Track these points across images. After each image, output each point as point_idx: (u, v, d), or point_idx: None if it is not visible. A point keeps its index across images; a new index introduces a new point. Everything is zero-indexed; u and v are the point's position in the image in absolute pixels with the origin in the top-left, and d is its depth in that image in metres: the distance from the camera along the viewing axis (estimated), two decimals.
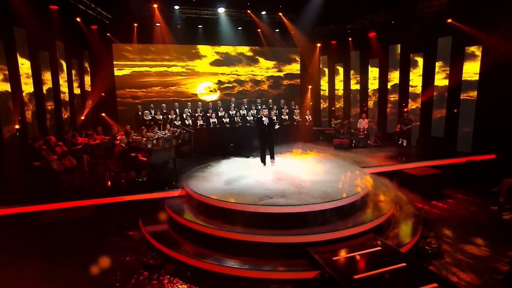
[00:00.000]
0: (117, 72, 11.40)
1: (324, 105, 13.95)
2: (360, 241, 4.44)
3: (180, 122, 9.24)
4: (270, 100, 11.61)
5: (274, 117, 6.73)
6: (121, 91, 11.28)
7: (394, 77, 11.39)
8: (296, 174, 5.74)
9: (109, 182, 6.05)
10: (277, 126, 6.46)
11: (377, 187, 5.69)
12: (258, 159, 6.52)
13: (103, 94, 10.75)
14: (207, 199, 4.92)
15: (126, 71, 11.42)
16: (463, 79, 9.34)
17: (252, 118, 10.19)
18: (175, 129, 8.68)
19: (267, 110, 6.44)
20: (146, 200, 5.44)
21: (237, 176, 5.66)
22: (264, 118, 6.25)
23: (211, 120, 9.70)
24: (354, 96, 12.77)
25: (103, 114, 10.70)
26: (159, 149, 6.89)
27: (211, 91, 12.37)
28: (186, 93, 12.06)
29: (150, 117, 9.52)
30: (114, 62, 11.29)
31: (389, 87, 11.69)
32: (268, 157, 6.41)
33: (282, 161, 6.68)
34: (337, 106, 13.44)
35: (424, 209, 5.93)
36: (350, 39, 12.03)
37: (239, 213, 4.56)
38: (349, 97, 13.02)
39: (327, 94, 13.86)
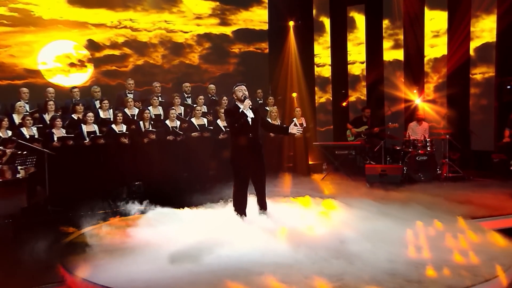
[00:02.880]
0: None
1: (323, 96, 14.72)
2: None
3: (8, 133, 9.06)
4: (212, 86, 11.89)
5: (275, 112, 8.09)
6: None
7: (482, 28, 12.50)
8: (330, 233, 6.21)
9: None
10: (296, 131, 6.64)
11: None
12: (224, 208, 6.94)
13: None
14: None
15: None
16: None
17: (185, 124, 10.55)
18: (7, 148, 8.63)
19: (247, 99, 6.50)
20: None
21: (197, 243, 5.85)
22: (246, 110, 6.30)
23: (85, 130, 9.57)
24: (391, 72, 13.79)
25: None
26: None
27: (73, 64, 12.16)
28: (11, 69, 11.71)
29: None
30: None
31: (471, 52, 12.59)
32: (251, 203, 6.60)
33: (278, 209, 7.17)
34: (353, 96, 14.34)
35: None
36: None
37: None
38: (380, 76, 13.81)
39: (329, 74, 14.72)
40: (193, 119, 10.31)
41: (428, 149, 10.81)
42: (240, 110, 6.29)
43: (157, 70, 13.01)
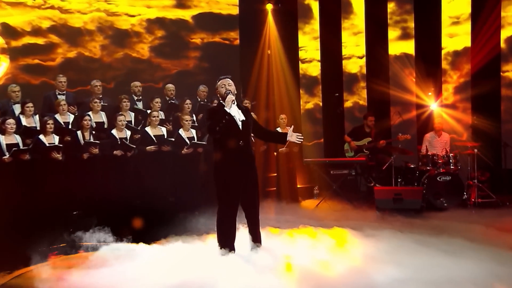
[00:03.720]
0: None
1: (310, 101, 14.78)
2: None
3: None
4: (170, 86, 11.94)
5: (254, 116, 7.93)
6: None
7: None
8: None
9: None
10: (295, 139, 6.94)
11: None
12: (204, 243, 7.38)
13: None
14: None
15: None
16: None
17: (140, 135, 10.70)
18: None
19: (231, 96, 6.67)
20: None
21: None
22: (228, 108, 6.51)
23: (4, 142, 9.60)
24: (399, 70, 13.94)
25: None
26: None
27: None
28: None
29: None
30: None
31: (502, 43, 12.79)
32: (241, 234, 6.95)
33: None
34: (349, 101, 14.42)
35: None
36: None
37: None
38: (384, 75, 13.92)
39: (318, 72, 14.66)
40: (147, 129, 10.30)
41: (452, 166, 10.86)
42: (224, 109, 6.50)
43: (94, 65, 12.94)
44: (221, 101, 6.60)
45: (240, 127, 6.45)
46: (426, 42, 13.39)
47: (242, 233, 6.92)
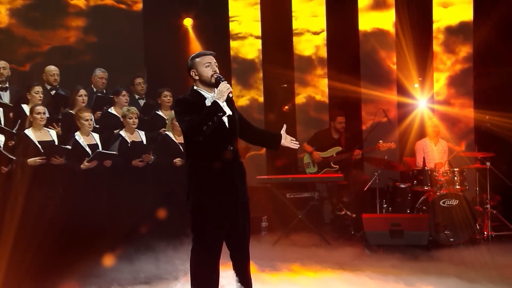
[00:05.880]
0: None
1: (245, 94, 14.12)
2: None
3: None
4: (52, 69, 10.77)
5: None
6: None
7: None
8: None
9: None
10: (290, 143, 6.29)
11: None
12: None
13: None
14: None
15: None
16: None
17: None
18: None
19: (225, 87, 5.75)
20: None
21: None
22: (221, 101, 5.63)
23: None
24: (372, 52, 12.86)
25: None
26: None
27: None
28: None
29: None
30: None
31: None
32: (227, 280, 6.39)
33: None
34: (302, 95, 13.61)
35: None
36: None
37: None
38: (353, 58, 13.01)
39: (256, 53, 13.70)
40: (28, 131, 9.02)
41: (457, 186, 9.82)
42: (212, 101, 5.60)
43: None
44: (196, 89, 5.78)
45: (228, 125, 5.69)
46: (411, 13, 11.85)
47: (226, 280, 6.05)
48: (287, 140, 6.03)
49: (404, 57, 11.89)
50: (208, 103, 5.60)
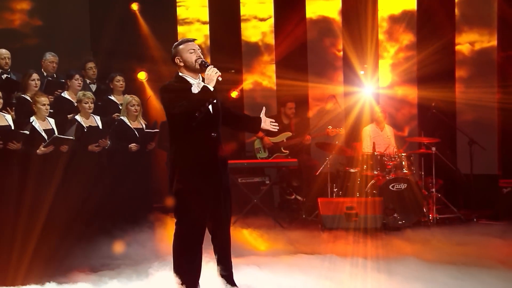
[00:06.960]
0: None
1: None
2: None
3: None
4: (3, 51, 10.84)
5: (137, 105, 8.94)
6: None
7: None
8: None
9: None
10: (269, 125, 6.54)
11: None
12: (145, 282, 6.75)
13: None
14: None
15: None
16: None
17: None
18: None
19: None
20: None
21: None
22: (211, 85, 5.81)
23: None
24: (318, 38, 13.05)
25: None
26: None
27: None
28: None
29: None
30: None
31: None
32: (208, 267, 6.46)
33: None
34: (249, 81, 13.66)
35: None
36: None
37: None
38: (300, 45, 12.95)
39: (203, 39, 13.74)
40: None
41: (405, 170, 10.17)
42: (202, 87, 5.72)
43: None
44: (181, 75, 5.91)
45: (212, 111, 5.89)
46: (357, 1, 12.05)
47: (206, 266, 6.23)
48: (266, 123, 6.17)
49: (350, 45, 12.12)
50: (194, 88, 5.69)
